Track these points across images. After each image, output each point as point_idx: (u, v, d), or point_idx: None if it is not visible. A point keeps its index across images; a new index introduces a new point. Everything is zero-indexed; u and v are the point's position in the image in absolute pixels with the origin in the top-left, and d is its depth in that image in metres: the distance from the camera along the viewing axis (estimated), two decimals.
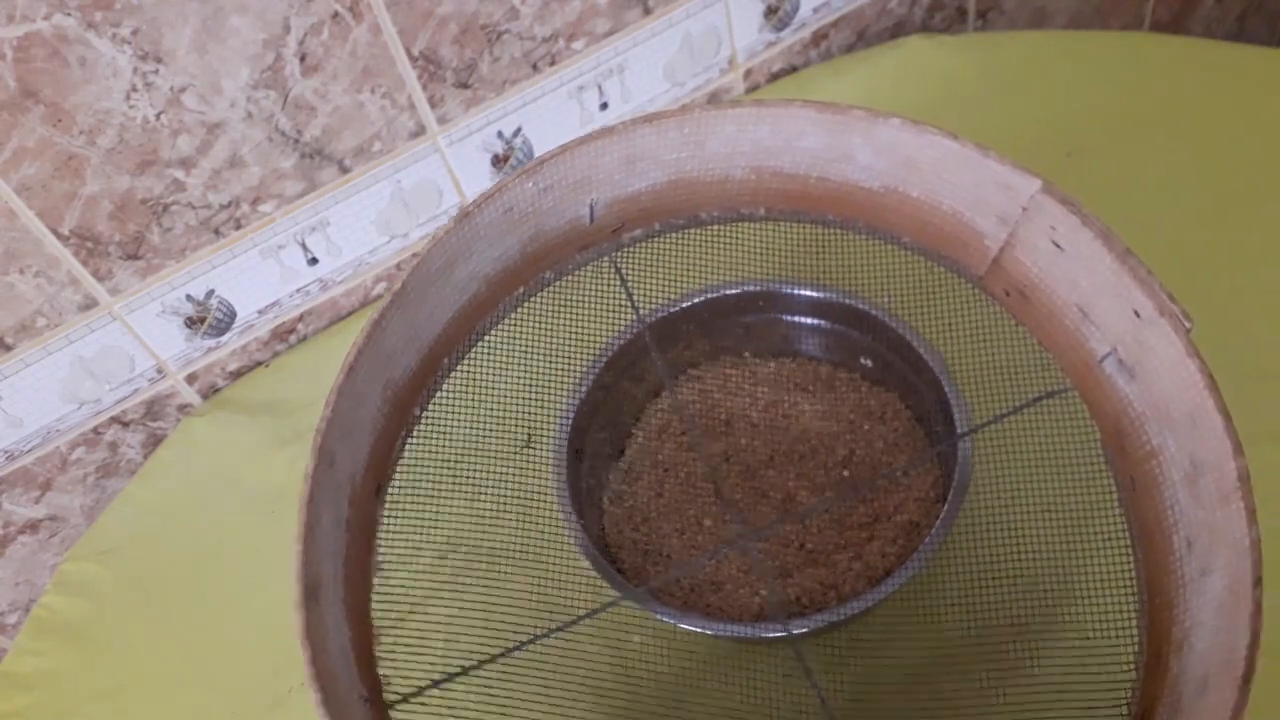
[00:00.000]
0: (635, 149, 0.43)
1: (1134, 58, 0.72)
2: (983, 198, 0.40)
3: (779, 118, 0.42)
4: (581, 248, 0.45)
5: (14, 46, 0.50)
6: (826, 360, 0.56)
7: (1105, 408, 0.39)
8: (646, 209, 0.45)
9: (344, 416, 0.38)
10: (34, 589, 0.69)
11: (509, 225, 0.43)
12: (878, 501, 0.50)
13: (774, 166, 0.43)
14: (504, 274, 0.44)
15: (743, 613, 0.48)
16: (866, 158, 0.42)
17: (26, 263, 0.56)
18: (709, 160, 0.43)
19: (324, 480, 0.36)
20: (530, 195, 0.42)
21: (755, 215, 0.46)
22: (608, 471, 0.54)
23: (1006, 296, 0.42)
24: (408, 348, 0.41)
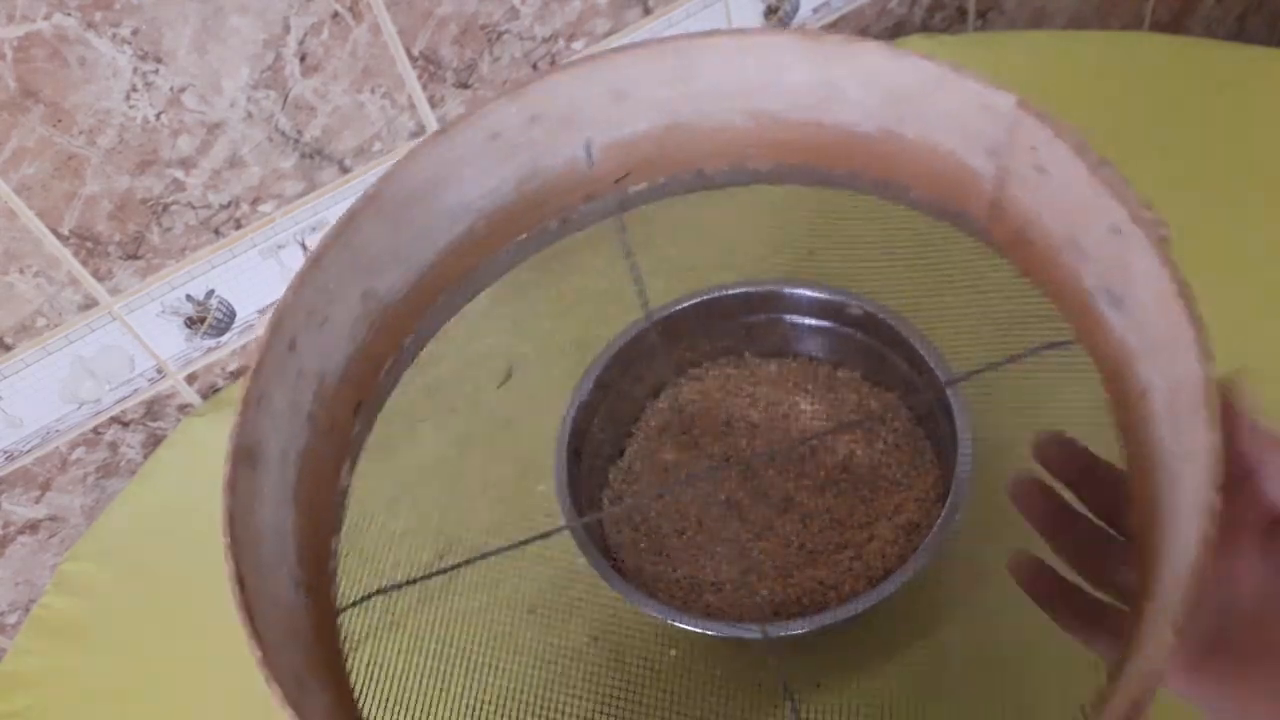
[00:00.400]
0: (619, 80, 0.41)
1: (1134, 58, 0.72)
2: (970, 127, 0.38)
3: (761, 47, 0.40)
4: (585, 197, 0.44)
5: (14, 46, 0.50)
6: (826, 360, 0.56)
7: (1102, 350, 0.37)
8: (648, 158, 0.44)
9: (309, 306, 0.38)
10: (34, 589, 0.69)
11: (499, 154, 0.41)
12: (877, 502, 0.50)
13: (770, 110, 0.42)
14: (500, 212, 0.43)
15: (742, 613, 0.48)
16: (856, 94, 0.40)
17: (26, 263, 0.56)
18: (701, 101, 0.42)
19: (279, 357, 0.37)
20: (516, 123, 0.41)
21: (761, 172, 0.44)
22: (608, 471, 0.54)
23: (1010, 246, 0.40)
24: (393, 263, 0.41)
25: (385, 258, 0.40)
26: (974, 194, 0.40)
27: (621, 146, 0.43)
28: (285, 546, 0.36)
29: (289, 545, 0.36)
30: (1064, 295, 0.39)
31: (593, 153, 0.42)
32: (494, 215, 0.43)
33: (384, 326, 0.41)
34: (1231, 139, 0.65)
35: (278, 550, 0.36)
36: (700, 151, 0.44)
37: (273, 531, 0.36)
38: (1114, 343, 0.36)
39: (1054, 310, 0.40)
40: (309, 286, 0.38)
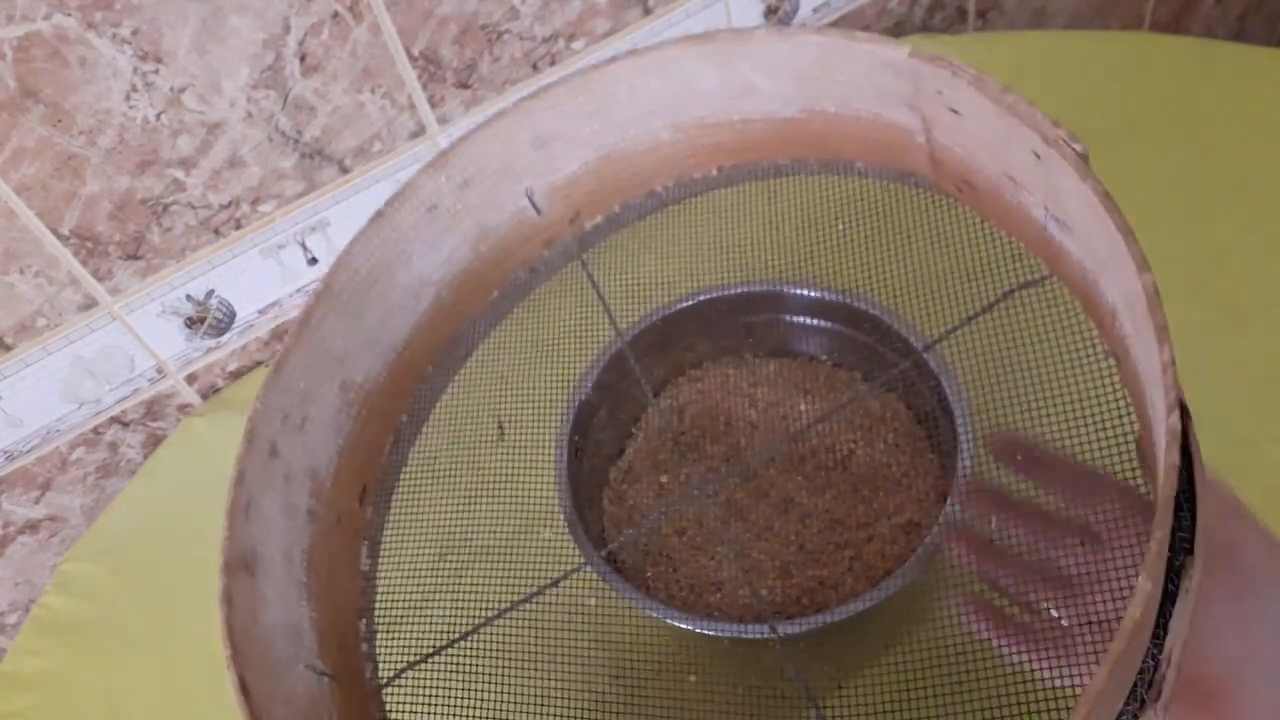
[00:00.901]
0: (539, 129, 0.41)
1: (1134, 58, 0.72)
2: (883, 87, 0.38)
3: (661, 62, 0.40)
4: (544, 243, 0.44)
5: (14, 46, 0.50)
6: (826, 360, 0.56)
7: (1072, 278, 0.36)
8: (593, 192, 0.44)
9: (283, 411, 0.39)
10: (34, 589, 0.69)
11: (443, 224, 0.42)
12: (877, 502, 0.50)
13: (693, 119, 0.42)
14: (463, 276, 0.43)
15: (743, 613, 0.48)
16: (765, 83, 0.40)
17: (26, 263, 0.56)
18: (625, 128, 0.42)
19: (260, 465, 0.38)
20: (450, 191, 0.41)
21: (710, 179, 0.44)
22: (608, 471, 0.54)
23: (959, 193, 0.39)
24: (364, 351, 0.41)
25: (354, 347, 0.41)
26: (911, 150, 0.39)
27: (563, 188, 0.43)
28: (302, 642, 0.36)
29: (307, 640, 0.37)
30: (1022, 231, 0.38)
31: (536, 200, 0.43)
32: (455, 282, 0.43)
33: (372, 412, 0.42)
34: (1232, 139, 0.65)
35: (292, 648, 0.36)
36: (641, 175, 0.44)
37: (285, 630, 0.36)
38: (1075, 267, 0.35)
39: (1023, 248, 0.39)
40: (277, 392, 0.38)
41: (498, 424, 0.49)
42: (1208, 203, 0.62)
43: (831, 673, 0.46)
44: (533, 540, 0.47)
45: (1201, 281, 0.59)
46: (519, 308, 0.46)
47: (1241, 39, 1.04)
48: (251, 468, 0.37)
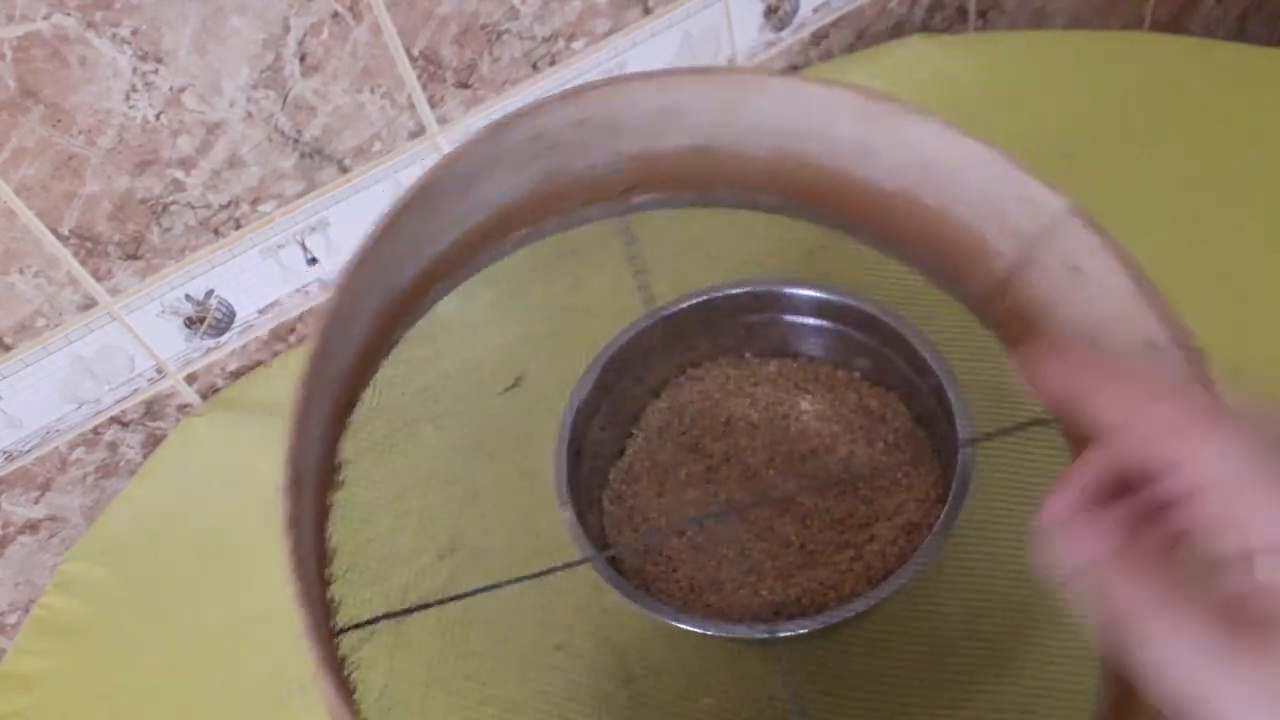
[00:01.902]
0: (676, 101, 0.41)
1: (1134, 57, 0.72)
2: (1002, 212, 0.38)
3: (817, 99, 0.40)
4: (590, 200, 0.44)
5: (14, 46, 0.50)
6: (827, 360, 0.56)
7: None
8: (666, 173, 0.43)
9: (348, 307, 0.36)
10: (34, 589, 0.69)
11: (534, 153, 0.41)
12: (878, 502, 0.50)
13: (797, 150, 0.42)
14: (514, 207, 0.42)
15: (743, 613, 0.48)
16: (891, 156, 0.40)
17: (26, 263, 0.56)
18: (740, 132, 0.42)
19: (321, 368, 0.35)
20: (562, 126, 0.40)
21: (765, 203, 0.44)
22: (608, 471, 0.54)
23: (1006, 322, 0.40)
24: (412, 257, 0.40)
25: (408, 252, 0.40)
26: (981, 269, 0.40)
27: (646, 159, 0.43)
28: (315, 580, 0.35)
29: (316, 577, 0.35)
30: None
31: (618, 162, 0.42)
32: (506, 209, 0.42)
33: (387, 320, 0.40)
34: (1232, 139, 0.65)
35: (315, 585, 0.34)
36: (718, 174, 0.44)
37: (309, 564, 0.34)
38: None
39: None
40: (350, 291, 0.36)
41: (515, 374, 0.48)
42: (1207, 202, 0.62)
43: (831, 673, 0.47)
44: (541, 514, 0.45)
45: (1201, 281, 0.59)
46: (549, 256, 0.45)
47: (1242, 39, 1.04)
48: (317, 370, 0.35)
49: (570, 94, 0.40)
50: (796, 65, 0.78)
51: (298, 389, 0.34)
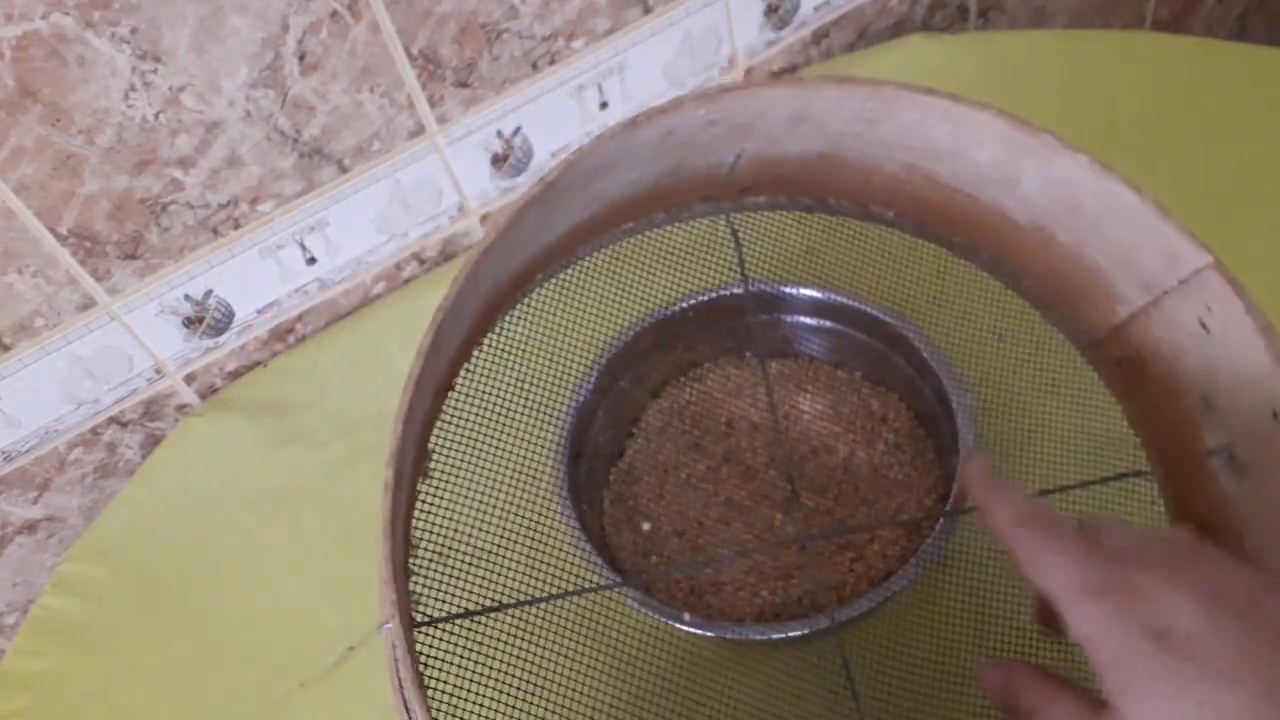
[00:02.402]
0: (808, 107, 0.40)
1: (1135, 57, 0.72)
2: (1136, 260, 0.37)
3: (966, 120, 0.39)
4: (703, 197, 0.43)
5: (12, 46, 0.50)
6: (827, 361, 0.56)
7: (1195, 502, 0.37)
8: (784, 176, 0.42)
9: (463, 301, 0.36)
10: (32, 589, 0.69)
11: (662, 149, 0.40)
12: (879, 503, 0.50)
13: (931, 170, 0.41)
14: (626, 202, 0.41)
15: (743, 614, 0.48)
16: (1032, 188, 0.39)
17: (25, 262, 0.56)
18: (872, 145, 0.41)
19: (431, 364, 0.35)
20: (694, 126, 0.39)
21: (884, 216, 0.43)
22: (608, 472, 0.54)
23: (1117, 366, 0.39)
24: (518, 252, 0.39)
25: (524, 243, 0.39)
26: (1101, 312, 0.39)
27: (767, 161, 0.42)
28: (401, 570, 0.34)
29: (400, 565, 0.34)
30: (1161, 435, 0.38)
31: (739, 162, 0.41)
32: (620, 202, 0.41)
33: (487, 310, 0.39)
34: (1232, 139, 0.65)
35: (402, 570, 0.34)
36: (834, 184, 0.43)
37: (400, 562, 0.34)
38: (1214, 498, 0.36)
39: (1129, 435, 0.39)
40: (472, 282, 0.36)
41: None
42: (1208, 202, 0.62)
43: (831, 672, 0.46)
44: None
45: None
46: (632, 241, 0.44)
47: (1243, 38, 1.04)
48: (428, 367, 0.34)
49: (707, 95, 0.39)
50: (796, 65, 0.78)
51: (408, 386, 0.33)
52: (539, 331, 0.43)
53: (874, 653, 0.47)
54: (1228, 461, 0.36)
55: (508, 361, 0.42)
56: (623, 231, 0.43)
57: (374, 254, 0.68)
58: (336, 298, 0.69)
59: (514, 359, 0.42)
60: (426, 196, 0.67)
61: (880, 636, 0.47)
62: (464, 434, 0.40)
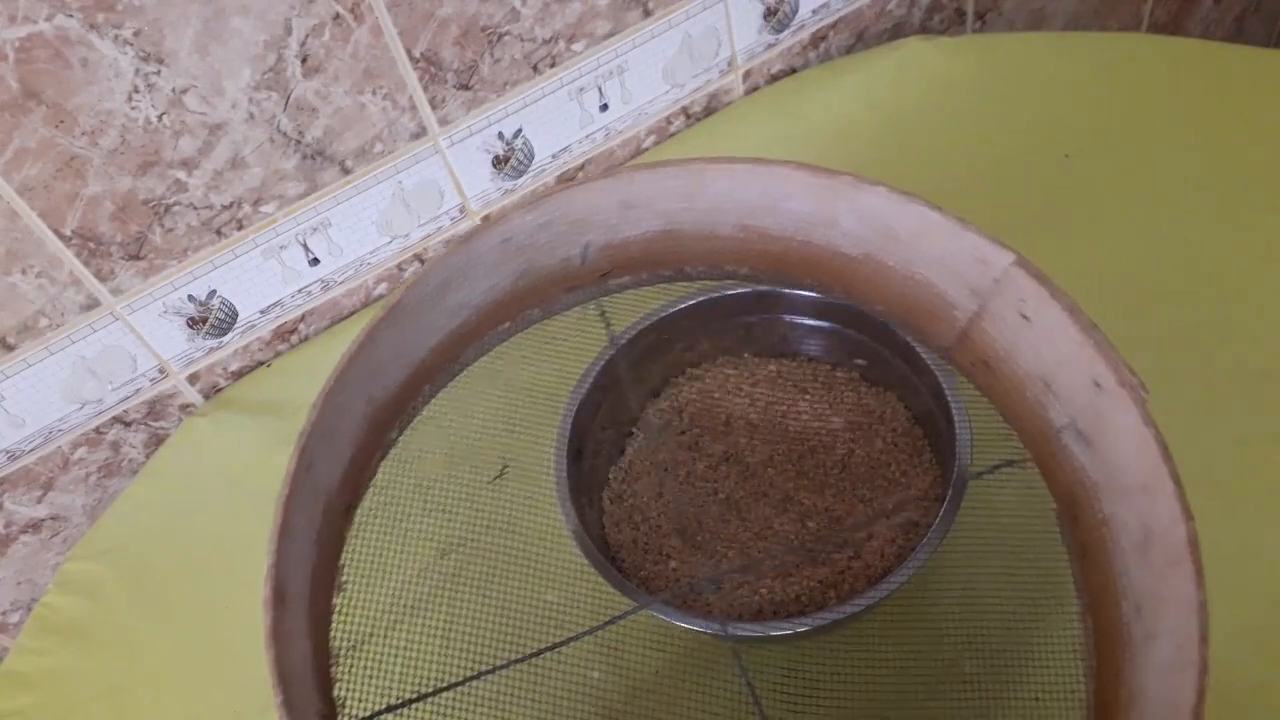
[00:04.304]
0: (633, 195, 0.44)
1: (1132, 59, 0.72)
2: (957, 269, 0.41)
3: (772, 177, 0.43)
4: (569, 288, 0.46)
5: (16, 48, 0.50)
6: (826, 360, 0.56)
7: (1060, 478, 0.40)
8: (635, 257, 0.46)
9: (328, 423, 0.38)
10: (36, 588, 0.69)
11: (505, 256, 0.44)
12: (876, 501, 0.51)
13: (761, 226, 0.44)
14: (493, 305, 0.45)
15: (742, 611, 0.48)
16: (850, 224, 0.43)
17: (29, 263, 0.57)
18: (700, 214, 0.45)
19: (303, 483, 0.37)
20: (528, 229, 0.43)
21: (738, 273, 0.47)
22: (608, 471, 0.54)
23: (972, 368, 0.43)
24: (393, 366, 0.42)
25: (389, 362, 0.42)
26: (945, 322, 0.43)
27: (616, 248, 0.45)
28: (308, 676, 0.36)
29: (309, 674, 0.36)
30: (1022, 420, 0.42)
31: (588, 253, 0.45)
32: (485, 308, 0.45)
33: (375, 424, 0.42)
34: (1230, 140, 0.65)
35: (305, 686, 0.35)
36: (685, 254, 0.46)
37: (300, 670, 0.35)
38: (1074, 472, 0.39)
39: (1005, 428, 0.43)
40: (330, 406, 0.38)
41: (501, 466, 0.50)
42: (1205, 204, 0.63)
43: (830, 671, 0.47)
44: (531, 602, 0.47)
45: (1200, 282, 0.59)
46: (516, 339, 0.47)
47: (1240, 40, 1.04)
48: (298, 487, 0.37)
49: (531, 200, 0.43)
50: (795, 67, 0.78)
51: (280, 508, 0.35)
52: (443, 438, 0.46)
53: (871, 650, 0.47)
54: (1076, 436, 0.39)
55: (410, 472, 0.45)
56: (500, 333, 0.46)
57: (376, 255, 0.68)
58: (339, 298, 0.69)
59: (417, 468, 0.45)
60: (428, 198, 0.68)
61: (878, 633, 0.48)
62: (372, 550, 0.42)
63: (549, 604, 0.47)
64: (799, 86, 0.76)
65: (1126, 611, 0.36)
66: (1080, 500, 0.39)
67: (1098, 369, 0.37)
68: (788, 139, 0.72)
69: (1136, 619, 0.36)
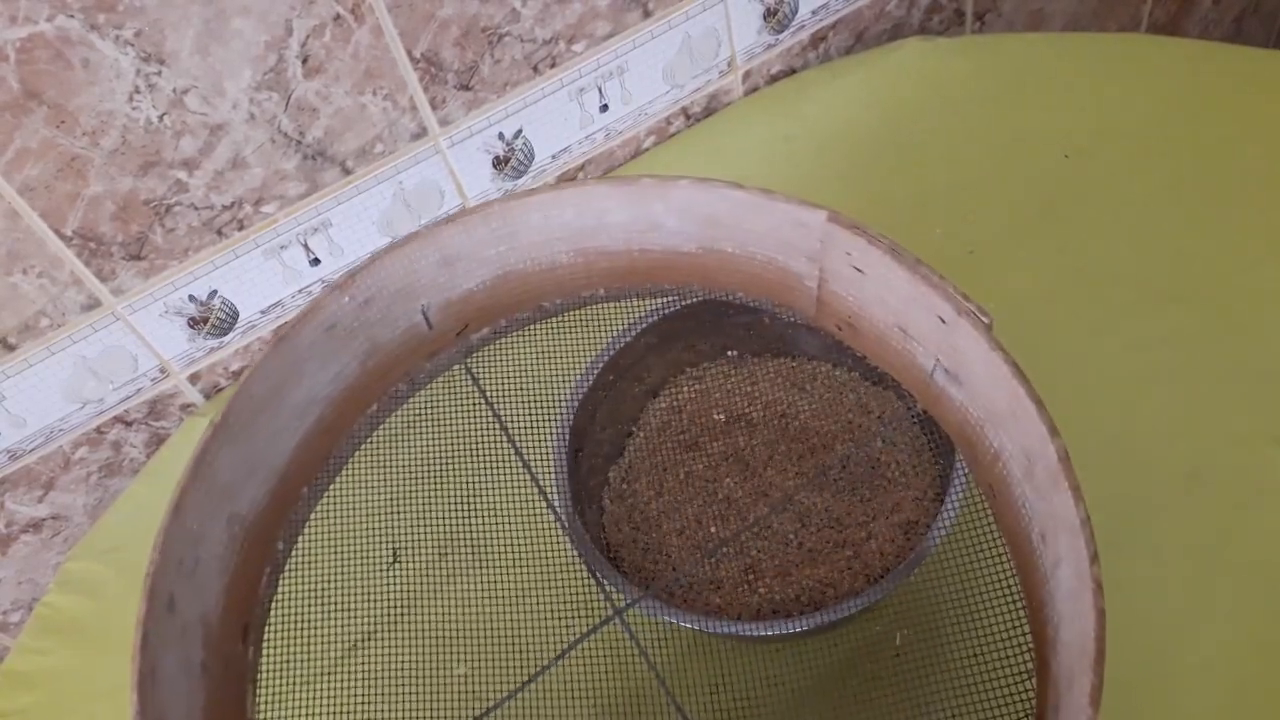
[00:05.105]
0: (448, 250, 0.43)
1: (1131, 60, 0.72)
2: (787, 240, 0.41)
3: (579, 198, 0.42)
4: (429, 355, 0.45)
5: (17, 48, 0.50)
6: (825, 360, 0.56)
7: (949, 420, 0.40)
8: (484, 307, 0.45)
9: (178, 557, 0.37)
10: (37, 588, 0.69)
11: (336, 343, 0.42)
12: (875, 501, 0.51)
13: (595, 246, 0.44)
14: (348, 393, 0.43)
15: (742, 611, 0.48)
16: (674, 223, 0.43)
17: (30, 263, 0.57)
18: (529, 250, 0.44)
19: (161, 624, 0.35)
20: (350, 310, 0.42)
21: (595, 297, 0.46)
22: (608, 471, 0.54)
23: (839, 330, 0.43)
24: (249, 480, 0.40)
25: (240, 477, 0.40)
26: (798, 292, 0.43)
27: (457, 304, 0.44)
28: None
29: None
30: (902, 371, 0.42)
31: (430, 316, 0.44)
32: (339, 398, 0.43)
33: (253, 542, 0.41)
34: (1228, 141, 0.65)
35: None
36: (534, 292, 0.46)
37: None
38: (957, 411, 0.40)
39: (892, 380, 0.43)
40: (174, 539, 0.37)
41: (393, 552, 0.50)
42: (1204, 204, 0.63)
43: (830, 670, 0.47)
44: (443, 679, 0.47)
45: (1199, 283, 0.59)
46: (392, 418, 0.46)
47: (1239, 40, 1.05)
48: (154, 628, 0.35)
49: (340, 283, 0.41)
50: (794, 68, 0.78)
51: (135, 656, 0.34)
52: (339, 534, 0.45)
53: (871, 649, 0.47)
54: (945, 375, 0.39)
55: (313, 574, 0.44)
56: (370, 418, 0.45)
57: None
58: None
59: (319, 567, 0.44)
60: (429, 198, 0.68)
61: (877, 633, 0.48)
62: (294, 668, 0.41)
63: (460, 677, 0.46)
64: (799, 87, 0.76)
65: (1035, 541, 0.36)
66: (973, 440, 0.39)
67: (937, 304, 0.37)
68: (788, 139, 0.72)
69: (1044, 547, 0.35)
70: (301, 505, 0.43)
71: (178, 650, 0.36)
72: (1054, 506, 0.34)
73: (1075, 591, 0.32)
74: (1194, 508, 0.51)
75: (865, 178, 0.68)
